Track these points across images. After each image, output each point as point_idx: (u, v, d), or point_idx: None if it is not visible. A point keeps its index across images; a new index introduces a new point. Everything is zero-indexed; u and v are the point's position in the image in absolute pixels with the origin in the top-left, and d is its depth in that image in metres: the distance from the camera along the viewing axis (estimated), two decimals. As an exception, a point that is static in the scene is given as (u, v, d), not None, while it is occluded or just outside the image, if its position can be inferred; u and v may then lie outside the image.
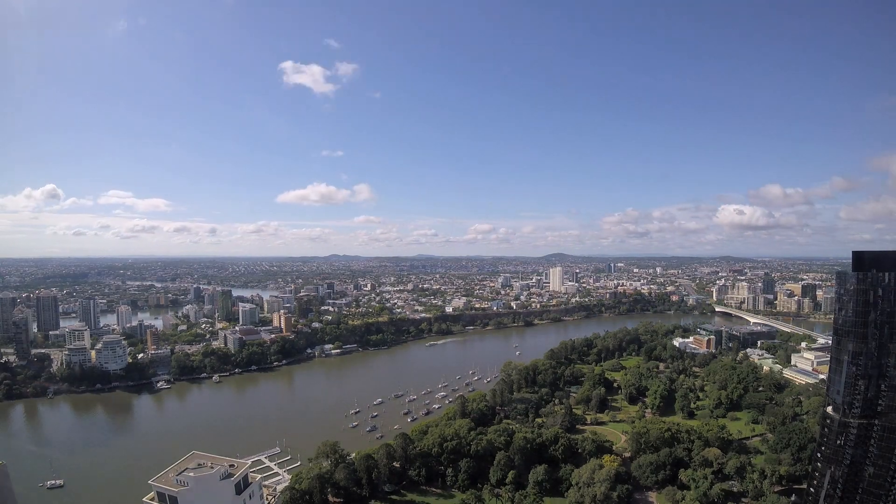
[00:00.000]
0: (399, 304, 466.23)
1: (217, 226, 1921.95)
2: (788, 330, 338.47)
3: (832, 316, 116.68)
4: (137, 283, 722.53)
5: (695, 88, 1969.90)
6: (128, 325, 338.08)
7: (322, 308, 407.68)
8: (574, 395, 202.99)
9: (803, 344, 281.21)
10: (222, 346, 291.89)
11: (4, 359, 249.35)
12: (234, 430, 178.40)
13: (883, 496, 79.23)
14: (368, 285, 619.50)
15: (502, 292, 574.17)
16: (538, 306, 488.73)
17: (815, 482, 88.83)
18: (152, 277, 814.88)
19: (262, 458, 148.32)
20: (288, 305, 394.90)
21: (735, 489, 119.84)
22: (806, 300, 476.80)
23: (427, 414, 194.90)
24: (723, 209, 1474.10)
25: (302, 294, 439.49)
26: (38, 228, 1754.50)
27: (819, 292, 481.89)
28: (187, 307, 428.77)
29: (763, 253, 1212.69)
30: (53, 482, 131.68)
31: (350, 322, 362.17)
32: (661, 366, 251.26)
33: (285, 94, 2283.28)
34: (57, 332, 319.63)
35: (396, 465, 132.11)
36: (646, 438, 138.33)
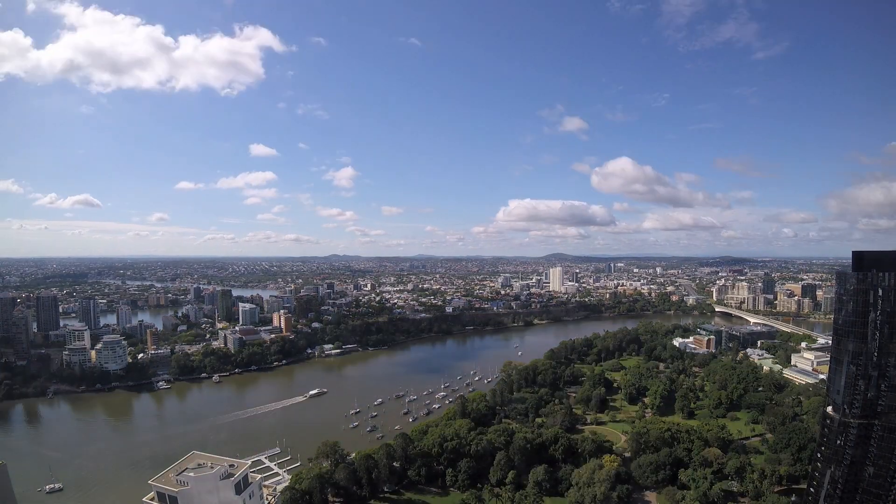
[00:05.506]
0: (399, 304, 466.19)
1: (225, 235, 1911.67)
2: (788, 330, 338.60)
3: (832, 316, 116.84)
4: (137, 283, 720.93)
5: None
6: (128, 325, 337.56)
7: (322, 308, 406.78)
8: (574, 395, 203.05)
9: (803, 344, 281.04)
10: (222, 346, 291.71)
11: (4, 359, 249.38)
12: (234, 430, 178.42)
13: (883, 496, 79.23)
14: (368, 285, 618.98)
15: (502, 292, 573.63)
16: (538, 306, 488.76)
17: (815, 482, 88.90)
18: (152, 277, 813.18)
19: (262, 458, 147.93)
20: (288, 305, 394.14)
21: (735, 489, 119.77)
22: (806, 300, 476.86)
23: (427, 414, 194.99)
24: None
25: (302, 294, 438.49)
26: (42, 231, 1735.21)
27: (819, 292, 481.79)
28: (187, 307, 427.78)
29: (764, 253, 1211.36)
30: (52, 486, 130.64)
31: (350, 322, 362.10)
32: (661, 366, 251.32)
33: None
34: (57, 332, 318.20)
35: (396, 465, 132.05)
36: (646, 438, 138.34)
